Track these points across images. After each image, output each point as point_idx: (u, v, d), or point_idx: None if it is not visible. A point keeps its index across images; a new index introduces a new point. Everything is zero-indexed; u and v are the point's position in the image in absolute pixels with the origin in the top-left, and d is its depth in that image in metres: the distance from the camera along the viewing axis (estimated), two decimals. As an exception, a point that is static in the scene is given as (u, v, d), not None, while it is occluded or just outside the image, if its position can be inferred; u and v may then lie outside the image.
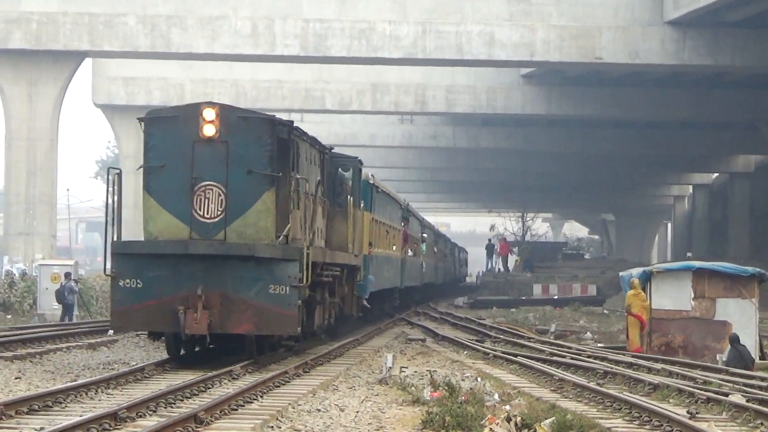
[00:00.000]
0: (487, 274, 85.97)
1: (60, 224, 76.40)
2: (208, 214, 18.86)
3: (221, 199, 18.91)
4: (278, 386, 18.85)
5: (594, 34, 44.45)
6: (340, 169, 27.22)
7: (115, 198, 20.27)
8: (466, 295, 68.70)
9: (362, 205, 30.39)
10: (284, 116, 32.13)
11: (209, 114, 18.84)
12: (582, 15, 44.65)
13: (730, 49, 44.03)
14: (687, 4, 42.40)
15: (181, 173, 19.12)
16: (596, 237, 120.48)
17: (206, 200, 18.88)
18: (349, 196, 27.19)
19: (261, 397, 17.35)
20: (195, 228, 18.91)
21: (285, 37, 44.07)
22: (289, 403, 16.86)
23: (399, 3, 44.35)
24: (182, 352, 20.53)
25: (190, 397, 16.75)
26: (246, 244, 18.56)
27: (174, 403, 15.68)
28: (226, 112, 19.34)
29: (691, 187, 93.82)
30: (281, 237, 18.98)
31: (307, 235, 20.10)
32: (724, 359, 24.82)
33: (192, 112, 19.25)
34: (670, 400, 17.47)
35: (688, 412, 15.90)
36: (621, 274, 31.25)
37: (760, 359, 25.64)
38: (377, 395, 18.71)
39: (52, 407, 14.99)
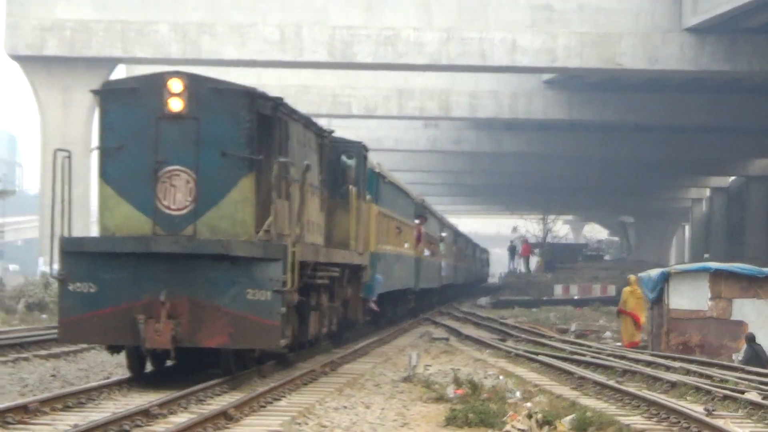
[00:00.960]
0: (510, 274, 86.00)
1: (93, 226, 76.40)
2: (174, 204, 16.00)
3: (190, 187, 16.00)
4: (305, 384, 18.83)
5: (614, 40, 44.39)
6: (343, 156, 24.17)
7: (65, 186, 17.14)
8: (488, 296, 68.58)
9: (369, 197, 27.34)
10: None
11: (176, 85, 15.93)
12: (603, 22, 44.59)
13: (748, 55, 43.92)
14: (706, 11, 42.30)
15: (143, 156, 16.14)
16: (616, 239, 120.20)
17: (172, 188, 15.97)
18: (351, 186, 24.08)
19: (289, 394, 17.23)
20: (159, 221, 15.98)
21: (313, 44, 44.09)
22: (317, 401, 16.83)
23: (424, 10, 44.36)
24: (151, 367, 17.71)
25: (219, 395, 16.23)
26: (219, 240, 15.69)
27: (204, 401, 15.44)
28: (196, 83, 16.36)
29: (708, 190, 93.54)
30: (262, 232, 16.06)
31: (294, 230, 17.02)
32: (740, 358, 24.78)
33: (156, 84, 16.25)
34: (688, 398, 17.44)
35: (705, 409, 15.90)
36: (639, 275, 31.23)
37: (776, 358, 25.56)
38: (402, 393, 18.66)
39: (85, 404, 14.90)
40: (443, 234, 53.77)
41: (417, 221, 40.80)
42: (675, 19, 43.81)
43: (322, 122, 24.83)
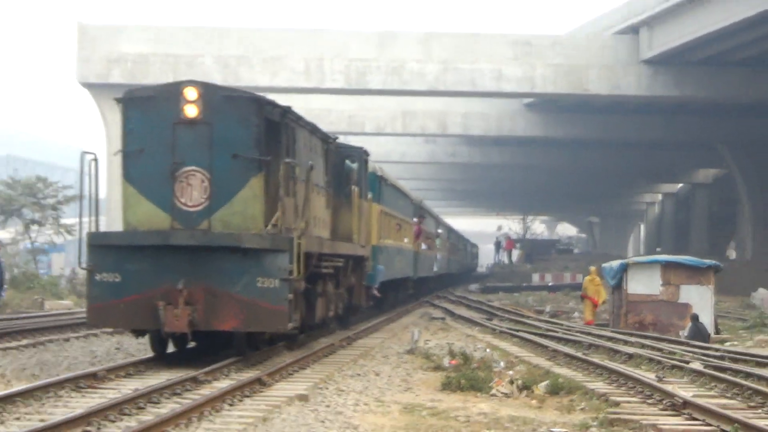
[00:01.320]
0: (495, 265, 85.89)
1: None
2: (191, 202, 15.20)
3: (205, 186, 15.22)
4: (326, 356, 18.80)
5: (583, 71, 44.33)
6: (346, 160, 23.21)
7: (92, 186, 16.42)
8: (477, 283, 68.56)
9: (370, 196, 26.37)
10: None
11: (191, 93, 15.17)
12: (573, 55, 44.53)
13: (693, 84, 43.87)
14: (658, 46, 42.30)
15: (162, 158, 15.31)
16: (583, 235, 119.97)
17: (189, 187, 15.21)
18: (354, 186, 23.05)
19: (312, 365, 17.19)
20: (177, 217, 15.20)
21: (332, 74, 44.07)
22: (335, 369, 16.86)
23: (425, 46, 44.34)
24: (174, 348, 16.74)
25: (254, 365, 16.14)
26: (232, 234, 14.94)
27: (243, 370, 15.41)
28: (209, 91, 15.63)
29: (660, 195, 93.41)
30: (270, 226, 15.35)
31: (300, 224, 16.34)
32: (686, 334, 24.78)
33: (173, 92, 15.51)
34: (642, 367, 17.44)
35: (656, 376, 15.90)
36: (603, 265, 31.25)
37: (715, 334, 25.61)
38: (406, 363, 18.67)
39: (144, 372, 14.95)
40: (439, 231, 53.58)
41: (416, 219, 40.04)
42: (633, 53, 43.78)
43: (340, 139, 24.01)
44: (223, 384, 13.72)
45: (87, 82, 46.08)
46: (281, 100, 18.55)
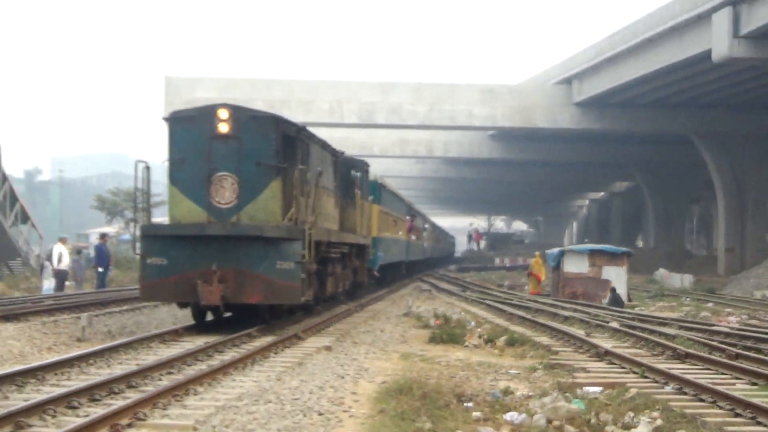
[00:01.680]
0: (467, 252, 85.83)
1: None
2: (223, 200, 14.38)
3: (234, 188, 14.38)
4: (344, 318, 18.78)
5: (531, 110, 44.30)
6: (352, 171, 22.26)
7: (143, 188, 15.61)
8: (455, 264, 68.53)
9: (370, 198, 25.21)
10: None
11: (223, 114, 14.45)
12: (525, 99, 44.53)
13: (611, 120, 43.84)
14: (584, 93, 42.29)
15: (200, 165, 14.45)
16: (532, 230, 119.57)
17: (221, 188, 14.41)
18: (357, 190, 22.22)
19: (334, 324, 17.17)
20: (212, 213, 14.36)
21: (348, 113, 44.02)
22: (351, 327, 16.86)
23: (416, 92, 44.32)
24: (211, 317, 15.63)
25: (290, 325, 15.95)
26: (256, 225, 14.11)
27: (283, 328, 15.28)
28: (238, 112, 14.79)
29: (587, 201, 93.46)
30: (286, 219, 14.50)
31: (310, 218, 15.29)
32: (606, 301, 24.76)
33: (209, 112, 14.70)
34: (575, 326, 17.41)
35: (585, 332, 15.89)
36: (546, 252, 31.24)
37: (627, 301, 25.58)
38: (403, 322, 18.65)
39: (212, 332, 14.68)
40: (426, 226, 53.38)
41: (408, 217, 39.54)
42: (567, 98, 43.77)
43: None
44: (269, 338, 13.69)
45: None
46: (313, 131, 18.16)
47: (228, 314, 15.05)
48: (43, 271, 28.42)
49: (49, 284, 26.70)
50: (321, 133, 20.39)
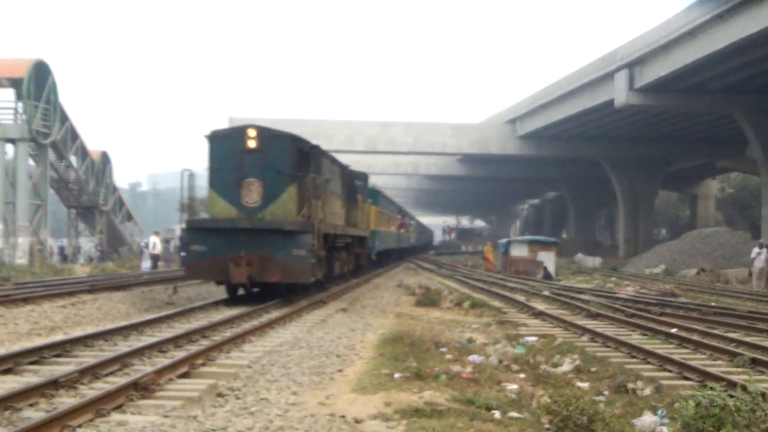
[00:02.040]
0: (442, 242, 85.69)
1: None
2: (250, 201, 13.29)
3: (260, 191, 13.27)
4: (356, 288, 18.73)
5: (487, 141, 44.15)
6: (355, 180, 21.23)
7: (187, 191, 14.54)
8: (433, 251, 68.39)
9: (369, 201, 24.06)
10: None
11: (252, 133, 13.36)
12: (483, 133, 44.43)
13: (544, 148, 43.62)
14: (525, 129, 42.10)
15: (233, 173, 13.36)
16: (488, 226, 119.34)
17: (250, 191, 13.30)
18: (358, 195, 21.20)
19: (348, 292, 17.10)
20: (242, 210, 13.25)
21: (358, 143, 43.73)
22: (359, 294, 16.84)
23: (406, 129, 44.08)
24: (241, 292, 14.23)
25: (321, 292, 15.49)
26: (276, 221, 12.98)
27: (311, 296, 15.03)
28: (263, 131, 13.63)
29: (527, 205, 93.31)
30: (300, 216, 13.47)
31: (319, 215, 14.19)
32: (540, 277, 24.73)
33: (241, 132, 13.54)
34: (518, 294, 17.41)
35: (525, 298, 15.86)
36: (498, 241, 31.22)
37: (555, 276, 25.53)
38: (396, 292, 18.56)
39: (257, 299, 14.14)
40: (412, 222, 53.14)
41: (398, 216, 39.29)
42: (513, 133, 43.56)
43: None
44: (303, 302, 13.56)
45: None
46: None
47: (256, 289, 14.17)
48: (142, 255, 28.49)
49: (146, 264, 26.70)
50: (339, 157, 20.03)
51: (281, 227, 12.84)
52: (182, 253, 27.12)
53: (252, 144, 13.32)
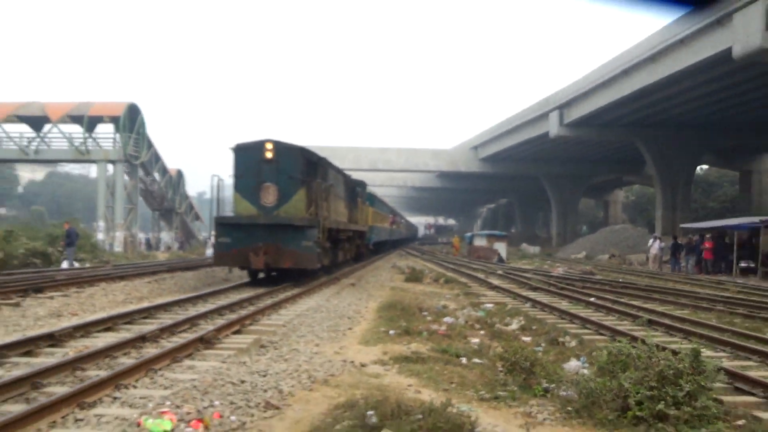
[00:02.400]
0: (425, 235, 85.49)
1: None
2: (268, 201, 12.02)
3: (275, 193, 12.04)
4: (361, 269, 18.57)
5: (457, 162, 44.14)
6: (356, 187, 20.02)
7: (217, 192, 13.00)
8: (418, 242, 68.17)
9: (367, 204, 22.81)
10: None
11: (269, 146, 12.11)
12: (454, 156, 44.48)
13: (498, 167, 43.49)
14: (484, 153, 42.09)
15: (253, 178, 12.10)
16: (457, 223, 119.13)
17: (267, 194, 12.05)
18: (359, 198, 19.94)
19: (352, 273, 16.86)
20: (260, 209, 11.99)
21: (363, 163, 43.60)
22: (363, 273, 16.70)
23: (398, 153, 44.04)
24: (260, 275, 13.11)
25: (331, 274, 15.15)
26: (288, 217, 11.78)
27: (332, 274, 14.65)
28: (278, 144, 12.25)
29: (485, 208, 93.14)
30: (308, 214, 12.26)
31: (324, 213, 13.02)
32: (495, 260, 24.68)
33: (260, 145, 12.20)
34: (479, 273, 17.35)
35: (485, 276, 15.79)
36: (465, 235, 31.19)
37: (506, 260, 25.47)
38: (391, 271, 18.39)
39: (276, 282, 13.23)
40: (402, 220, 52.70)
41: (391, 215, 38.12)
42: (476, 156, 43.45)
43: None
44: (324, 280, 13.39)
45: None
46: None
47: (274, 273, 13.11)
48: (206, 244, 28.36)
49: (209, 252, 26.56)
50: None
51: (292, 222, 11.79)
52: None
53: (269, 155, 12.30)
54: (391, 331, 7.04)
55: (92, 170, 29.52)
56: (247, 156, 12.57)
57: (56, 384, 4.38)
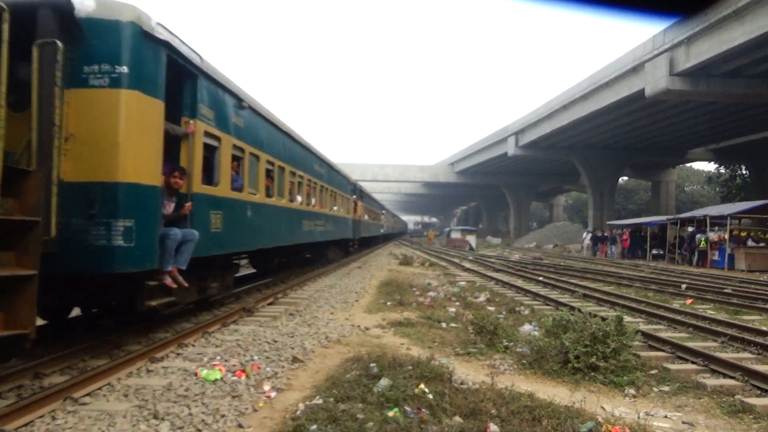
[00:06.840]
0: (413, 230, 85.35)
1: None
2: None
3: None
4: (361, 257, 18.14)
5: (438, 175, 44.07)
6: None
7: None
8: (408, 235, 67.96)
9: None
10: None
11: None
12: (436, 170, 44.38)
13: (469, 179, 43.46)
14: (459, 168, 42.02)
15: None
16: (438, 221, 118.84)
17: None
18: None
19: (355, 261, 16.59)
20: None
21: (368, 175, 43.35)
22: (364, 262, 16.42)
23: (394, 167, 43.97)
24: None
25: (332, 263, 14.96)
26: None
27: (334, 261, 14.53)
28: None
29: (460, 210, 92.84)
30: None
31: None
32: (467, 249, 24.59)
33: None
34: (455, 258, 17.25)
35: (459, 261, 15.68)
36: (444, 229, 31.10)
37: (476, 249, 25.35)
38: (389, 257, 18.08)
39: (288, 271, 12.43)
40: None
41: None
42: (452, 170, 43.34)
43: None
44: (329, 268, 13.08)
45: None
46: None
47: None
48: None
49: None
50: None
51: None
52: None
53: None
54: (389, 303, 7.01)
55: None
56: None
57: (133, 344, 4.40)
